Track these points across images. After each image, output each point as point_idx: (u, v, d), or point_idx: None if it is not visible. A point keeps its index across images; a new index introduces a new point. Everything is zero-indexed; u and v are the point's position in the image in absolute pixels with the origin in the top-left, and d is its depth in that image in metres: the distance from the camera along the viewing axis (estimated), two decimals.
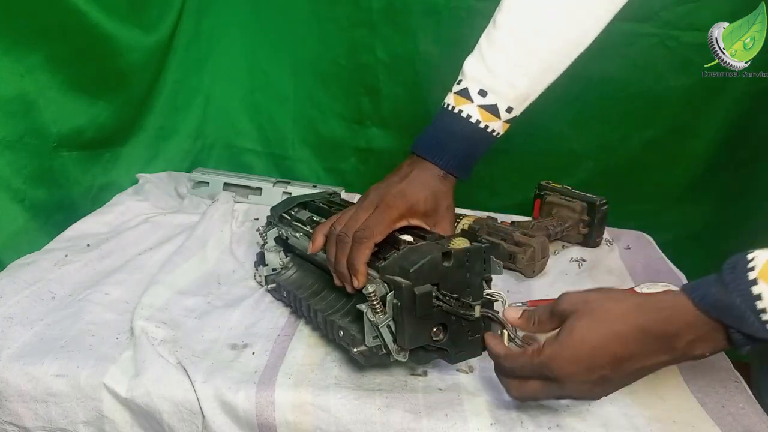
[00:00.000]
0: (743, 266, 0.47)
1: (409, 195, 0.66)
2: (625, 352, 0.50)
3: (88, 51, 0.92)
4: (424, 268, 0.55)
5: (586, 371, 0.51)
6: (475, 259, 0.58)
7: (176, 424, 0.61)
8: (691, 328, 0.49)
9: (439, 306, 0.56)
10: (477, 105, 0.68)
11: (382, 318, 0.56)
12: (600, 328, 0.51)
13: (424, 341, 0.57)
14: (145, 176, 1.09)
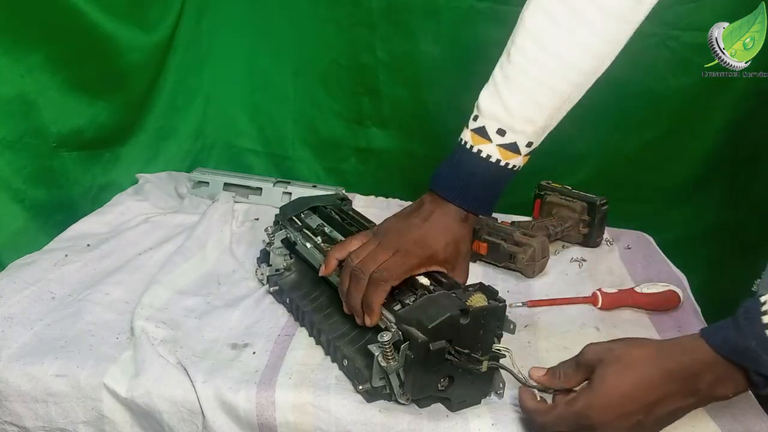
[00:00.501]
0: (756, 310, 0.49)
1: (430, 242, 0.66)
2: (654, 396, 0.52)
3: (88, 51, 0.92)
4: (442, 325, 0.56)
5: (621, 417, 0.52)
6: (491, 317, 0.59)
7: (176, 424, 0.61)
8: (711, 370, 0.50)
9: (449, 360, 0.57)
10: (496, 144, 0.66)
11: (393, 365, 0.56)
12: (629, 374, 0.53)
13: (430, 392, 0.58)
14: (145, 176, 1.09)
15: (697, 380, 0.51)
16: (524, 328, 0.75)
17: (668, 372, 0.51)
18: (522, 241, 0.86)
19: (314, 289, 0.74)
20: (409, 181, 1.22)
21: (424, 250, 0.65)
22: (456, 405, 0.60)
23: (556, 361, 0.68)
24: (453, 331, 0.57)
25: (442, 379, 0.58)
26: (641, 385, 0.52)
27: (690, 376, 0.51)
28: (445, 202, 0.68)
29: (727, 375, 0.50)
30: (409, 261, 0.64)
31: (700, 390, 0.51)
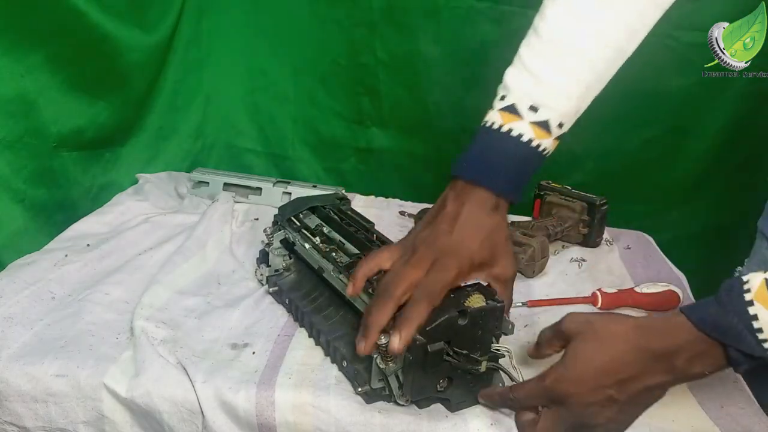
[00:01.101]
0: (739, 288, 0.49)
1: (464, 249, 0.61)
2: (628, 372, 0.51)
3: (88, 51, 0.92)
4: (440, 327, 0.56)
5: (592, 391, 0.51)
6: (489, 318, 0.58)
7: (176, 424, 0.61)
8: (689, 346, 0.50)
9: (447, 361, 0.57)
10: (529, 122, 0.61)
11: (392, 367, 0.57)
12: (603, 349, 0.52)
13: (429, 393, 0.58)
14: (145, 176, 1.09)
15: (674, 357, 0.50)
16: (524, 328, 0.75)
17: (645, 348, 0.51)
18: (522, 241, 0.86)
19: (314, 289, 0.74)
20: (409, 181, 1.22)
21: (459, 260, 0.60)
22: (455, 405, 0.60)
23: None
24: (451, 332, 0.56)
25: (441, 380, 0.58)
26: (615, 360, 0.51)
27: (667, 353, 0.50)
28: (471, 189, 0.62)
29: (706, 352, 0.49)
30: (445, 276, 0.59)
31: (676, 367, 0.50)
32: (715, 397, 0.63)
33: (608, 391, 0.51)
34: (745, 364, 0.49)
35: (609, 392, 0.51)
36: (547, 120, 0.62)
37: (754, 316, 0.47)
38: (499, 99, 0.63)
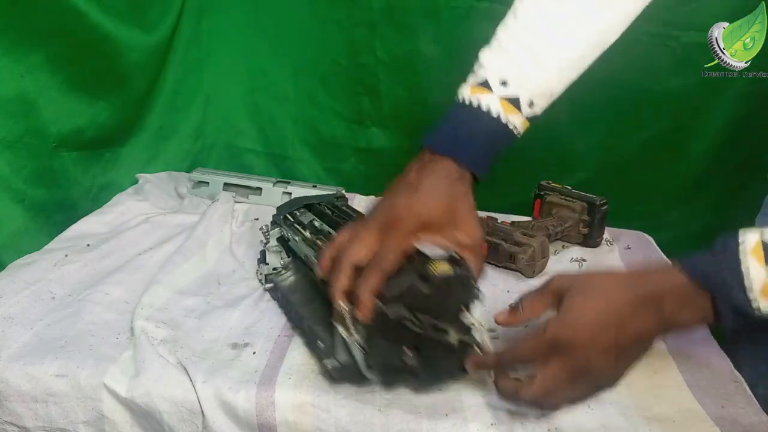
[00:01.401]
0: (734, 244, 0.50)
1: (418, 208, 0.60)
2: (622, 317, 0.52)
3: (88, 51, 0.92)
4: (399, 292, 0.55)
5: (593, 337, 0.52)
6: (456, 286, 0.57)
7: (176, 424, 0.61)
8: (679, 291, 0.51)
9: (412, 329, 0.55)
10: (498, 96, 0.62)
11: (355, 337, 0.56)
12: (598, 297, 0.53)
13: (394, 362, 0.57)
14: (145, 176, 1.09)
15: (663, 301, 0.51)
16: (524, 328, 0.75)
17: (636, 293, 0.52)
18: (522, 241, 0.86)
19: (306, 284, 0.74)
20: None
21: (413, 220, 0.59)
22: (427, 380, 0.58)
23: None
24: (414, 299, 0.55)
25: (407, 350, 0.56)
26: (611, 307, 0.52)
27: (657, 297, 0.51)
28: (436, 159, 0.62)
29: (694, 300, 0.50)
30: (396, 240, 0.58)
31: (665, 311, 0.51)
32: (716, 397, 0.63)
33: (607, 337, 0.52)
34: (731, 321, 0.50)
35: (607, 338, 0.52)
36: (517, 97, 0.62)
37: (745, 272, 0.49)
38: (472, 74, 0.64)
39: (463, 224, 0.61)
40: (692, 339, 0.73)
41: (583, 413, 0.60)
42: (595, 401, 0.61)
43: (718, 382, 0.65)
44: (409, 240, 0.59)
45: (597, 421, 0.59)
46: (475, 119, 0.62)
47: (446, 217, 0.61)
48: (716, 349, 0.71)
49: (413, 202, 0.60)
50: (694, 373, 0.67)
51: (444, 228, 0.61)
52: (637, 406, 0.61)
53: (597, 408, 0.61)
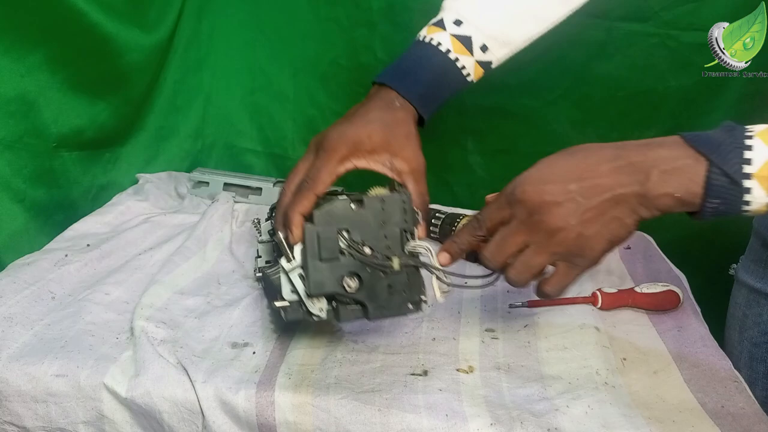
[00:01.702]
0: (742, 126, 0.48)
1: (350, 133, 0.59)
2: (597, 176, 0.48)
3: (88, 51, 0.92)
4: (331, 213, 0.54)
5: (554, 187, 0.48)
6: (392, 209, 0.56)
7: (176, 424, 0.61)
8: (671, 158, 0.47)
9: (349, 253, 0.54)
10: (450, 33, 0.62)
11: (294, 264, 0.55)
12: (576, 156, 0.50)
13: (333, 288, 0.56)
14: (145, 176, 1.09)
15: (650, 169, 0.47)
16: (524, 328, 0.75)
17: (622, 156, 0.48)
18: None
19: None
20: None
21: (345, 142, 0.59)
22: (374, 312, 0.57)
23: (556, 361, 0.69)
24: (347, 221, 0.54)
25: (347, 276, 0.55)
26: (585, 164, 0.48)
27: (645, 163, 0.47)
28: (379, 90, 0.62)
29: (686, 166, 0.46)
30: (329, 159, 0.58)
31: (649, 180, 0.47)
32: (716, 397, 0.63)
33: (570, 186, 0.48)
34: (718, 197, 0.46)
35: (571, 187, 0.48)
36: (469, 36, 0.62)
37: (748, 147, 0.46)
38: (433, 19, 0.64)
39: (401, 150, 0.60)
40: (692, 339, 0.73)
41: (583, 413, 0.60)
42: (595, 402, 0.61)
43: (718, 382, 0.65)
44: (342, 165, 0.59)
45: (597, 421, 0.59)
46: (424, 53, 0.62)
47: (381, 143, 0.60)
48: (716, 349, 0.71)
49: (346, 128, 0.60)
50: (694, 373, 0.67)
51: (379, 153, 0.60)
52: (637, 406, 0.61)
53: (597, 408, 0.61)
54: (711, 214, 0.47)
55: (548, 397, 0.62)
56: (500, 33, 0.63)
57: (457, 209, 1.04)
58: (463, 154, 1.17)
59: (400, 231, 0.57)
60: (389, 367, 0.65)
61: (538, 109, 1.11)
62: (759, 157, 0.45)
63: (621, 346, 0.72)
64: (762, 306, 0.78)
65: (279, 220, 0.59)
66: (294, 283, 0.57)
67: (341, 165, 0.59)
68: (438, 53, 0.62)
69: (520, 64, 1.06)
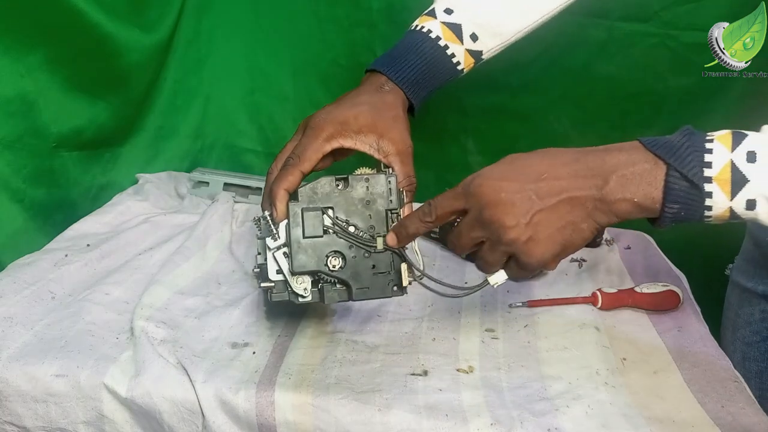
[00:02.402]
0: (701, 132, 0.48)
1: (337, 113, 0.60)
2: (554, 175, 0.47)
3: (88, 51, 0.92)
4: (315, 190, 0.54)
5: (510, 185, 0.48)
6: (377, 189, 0.56)
7: (176, 424, 0.61)
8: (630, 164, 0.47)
9: (333, 231, 0.54)
10: (440, 21, 0.63)
11: (277, 242, 0.55)
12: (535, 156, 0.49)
13: (316, 266, 0.56)
14: (145, 176, 1.09)
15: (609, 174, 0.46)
16: (524, 328, 0.75)
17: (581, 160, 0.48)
18: None
19: None
20: None
21: (332, 121, 0.60)
22: (357, 293, 0.57)
23: (556, 361, 0.69)
24: (331, 199, 0.55)
25: (330, 254, 0.55)
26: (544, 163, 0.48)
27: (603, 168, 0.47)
28: (369, 75, 0.64)
29: (645, 171, 0.46)
30: (315, 137, 0.59)
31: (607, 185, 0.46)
32: (716, 397, 0.63)
33: (527, 186, 0.47)
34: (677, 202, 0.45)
35: (527, 187, 0.47)
36: (459, 24, 0.62)
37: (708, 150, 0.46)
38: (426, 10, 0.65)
39: (387, 131, 0.61)
40: (692, 339, 0.73)
41: (583, 413, 0.60)
42: (595, 402, 0.61)
43: (718, 382, 0.65)
44: (329, 143, 0.59)
45: (597, 421, 0.59)
46: (414, 40, 0.63)
47: (368, 124, 0.60)
48: (716, 349, 0.71)
49: (333, 109, 0.61)
50: (694, 373, 0.67)
51: (365, 134, 0.60)
52: (637, 406, 0.61)
53: (597, 408, 0.61)
54: (671, 219, 0.46)
55: (548, 397, 0.62)
56: (490, 23, 0.64)
57: None
58: (463, 154, 1.17)
59: (386, 212, 0.57)
60: (389, 367, 0.65)
61: (538, 109, 1.11)
62: (719, 160, 0.45)
63: (621, 346, 0.72)
64: (753, 305, 0.78)
65: (265, 197, 0.59)
66: (279, 263, 0.57)
67: (327, 143, 0.59)
68: (427, 39, 0.63)
69: (520, 64, 1.07)
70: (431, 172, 1.21)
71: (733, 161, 0.45)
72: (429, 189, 1.19)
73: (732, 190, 0.45)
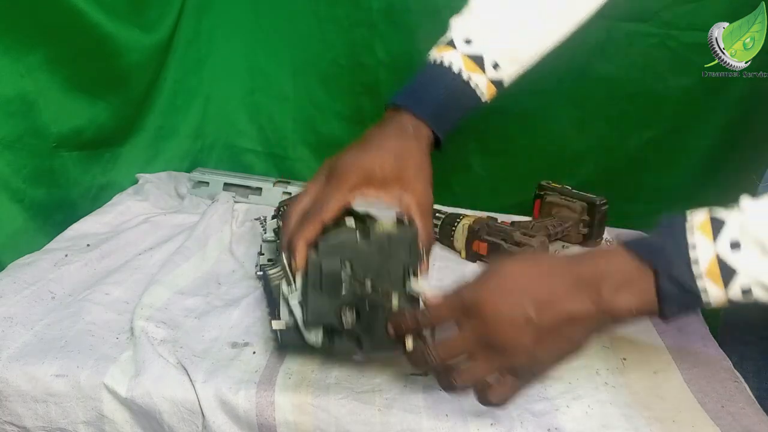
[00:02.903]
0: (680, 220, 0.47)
1: (362, 161, 0.58)
2: (549, 292, 0.47)
3: (88, 51, 0.92)
4: (337, 245, 0.53)
5: (508, 305, 0.47)
6: (398, 246, 0.54)
7: (176, 424, 0.61)
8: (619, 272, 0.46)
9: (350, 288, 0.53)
10: (461, 53, 0.62)
11: (293, 292, 0.54)
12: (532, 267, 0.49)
13: (330, 320, 0.55)
14: (145, 176, 1.09)
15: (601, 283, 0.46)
16: None
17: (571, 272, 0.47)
18: (522, 241, 0.86)
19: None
20: None
21: (356, 171, 0.58)
22: (370, 348, 0.56)
23: None
24: (352, 254, 0.53)
25: (346, 309, 0.54)
26: (538, 278, 0.48)
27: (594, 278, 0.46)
28: (393, 114, 0.61)
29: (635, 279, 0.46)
30: (338, 187, 0.57)
31: (602, 296, 0.46)
32: (716, 397, 0.63)
33: (526, 309, 0.47)
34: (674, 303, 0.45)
35: (527, 310, 0.47)
36: (480, 55, 0.62)
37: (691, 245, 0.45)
38: (441, 38, 0.65)
39: (411, 183, 0.59)
40: (692, 339, 0.73)
41: (583, 413, 0.60)
42: (595, 402, 0.61)
43: (718, 382, 0.65)
44: (351, 194, 0.58)
45: (597, 421, 0.59)
46: (436, 74, 0.62)
47: (393, 174, 0.59)
48: (716, 349, 0.71)
49: (359, 156, 0.59)
50: (694, 373, 0.67)
51: (390, 185, 0.59)
52: (637, 406, 0.61)
53: (597, 408, 0.61)
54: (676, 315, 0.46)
55: (548, 397, 0.62)
56: (511, 51, 0.63)
57: (457, 209, 1.04)
58: (463, 154, 1.17)
59: (403, 267, 0.56)
60: (389, 367, 0.65)
61: (538, 109, 1.11)
62: (704, 255, 0.44)
63: (621, 346, 0.72)
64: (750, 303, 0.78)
65: (284, 244, 0.58)
66: (292, 308, 0.56)
67: (351, 193, 0.58)
68: (449, 72, 0.62)
69: None
70: None
71: (718, 255, 0.45)
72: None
73: (724, 282, 0.45)
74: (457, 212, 0.98)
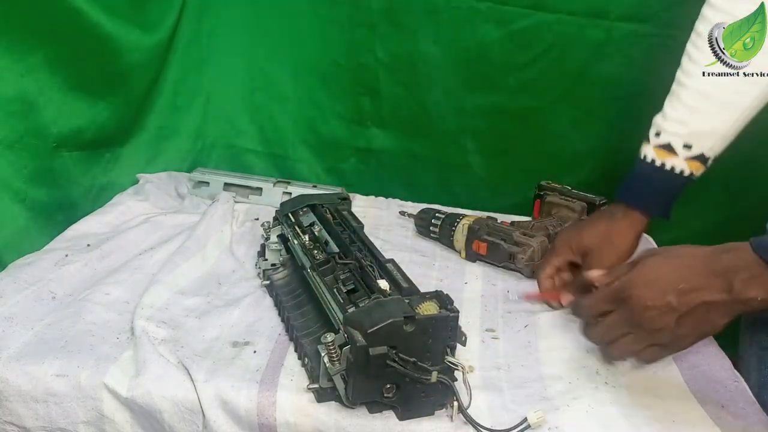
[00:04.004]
0: None
1: (575, 233, 0.79)
2: (689, 283, 0.55)
3: (88, 51, 0.92)
4: (383, 331, 0.54)
5: (654, 294, 0.56)
6: (440, 327, 0.57)
7: (176, 423, 0.61)
8: (748, 267, 0.53)
9: (393, 367, 0.55)
10: (653, 145, 0.75)
11: (337, 368, 0.56)
12: (672, 261, 0.58)
13: (373, 398, 0.57)
14: (145, 176, 1.09)
15: (732, 276, 0.53)
16: (524, 328, 0.75)
17: (707, 265, 0.55)
18: (521, 241, 0.86)
19: (298, 286, 0.75)
20: (409, 181, 1.22)
21: (568, 241, 0.78)
22: (404, 414, 0.58)
23: (556, 361, 0.69)
24: (397, 337, 0.55)
25: (387, 385, 0.56)
26: (680, 271, 0.56)
27: (726, 271, 0.54)
28: (627, 210, 0.76)
29: (762, 275, 0.52)
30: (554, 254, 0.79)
31: (733, 287, 0.53)
32: (716, 397, 0.63)
33: (669, 297, 0.55)
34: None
35: (669, 299, 0.55)
36: (668, 143, 0.74)
37: None
38: (654, 135, 0.76)
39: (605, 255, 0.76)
40: None
41: (583, 413, 0.60)
42: (595, 402, 0.61)
43: (718, 382, 0.65)
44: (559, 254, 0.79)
45: (597, 421, 0.59)
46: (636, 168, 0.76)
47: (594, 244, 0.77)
48: (716, 349, 0.71)
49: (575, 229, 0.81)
50: (694, 373, 0.67)
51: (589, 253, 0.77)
52: (637, 406, 0.61)
53: (597, 408, 0.61)
54: None
55: (548, 397, 0.62)
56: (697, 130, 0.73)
57: (457, 209, 1.04)
58: (463, 154, 1.17)
59: (444, 347, 0.58)
60: None
61: (538, 109, 1.11)
62: None
63: None
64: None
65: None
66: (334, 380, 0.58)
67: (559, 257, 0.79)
68: (645, 164, 0.75)
69: (520, 64, 1.07)
70: (430, 172, 1.21)
71: None
72: (428, 189, 1.20)
73: None
74: (457, 212, 0.98)
